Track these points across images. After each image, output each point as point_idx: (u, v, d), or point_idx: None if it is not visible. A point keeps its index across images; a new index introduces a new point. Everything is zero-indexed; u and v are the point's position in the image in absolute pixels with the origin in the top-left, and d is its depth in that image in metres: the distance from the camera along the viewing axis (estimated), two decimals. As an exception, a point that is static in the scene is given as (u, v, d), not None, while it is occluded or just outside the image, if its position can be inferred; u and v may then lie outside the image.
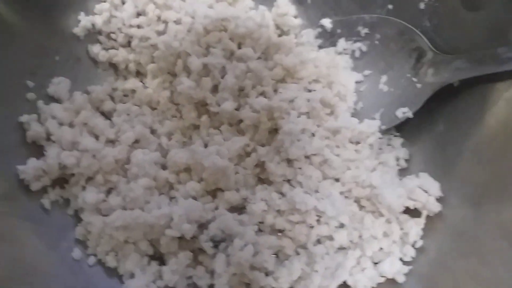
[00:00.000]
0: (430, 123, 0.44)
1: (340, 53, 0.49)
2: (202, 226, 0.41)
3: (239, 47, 0.47)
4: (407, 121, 0.44)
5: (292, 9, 0.50)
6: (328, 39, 0.50)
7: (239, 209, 0.43)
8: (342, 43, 0.49)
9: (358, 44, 0.48)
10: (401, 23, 0.45)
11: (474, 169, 0.39)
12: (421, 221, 0.40)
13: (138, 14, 0.48)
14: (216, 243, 0.41)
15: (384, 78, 0.46)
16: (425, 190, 0.40)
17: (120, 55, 0.48)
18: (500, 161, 0.36)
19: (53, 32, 0.45)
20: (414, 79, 0.43)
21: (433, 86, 0.42)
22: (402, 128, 0.46)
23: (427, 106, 0.42)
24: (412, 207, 0.40)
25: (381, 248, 0.40)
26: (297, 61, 0.46)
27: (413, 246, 0.40)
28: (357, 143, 0.44)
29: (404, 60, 0.45)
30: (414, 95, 0.43)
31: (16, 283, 0.34)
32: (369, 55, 0.48)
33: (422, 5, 0.44)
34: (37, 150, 0.42)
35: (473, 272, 0.35)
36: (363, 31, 0.48)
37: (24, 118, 0.41)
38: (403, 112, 0.44)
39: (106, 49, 0.48)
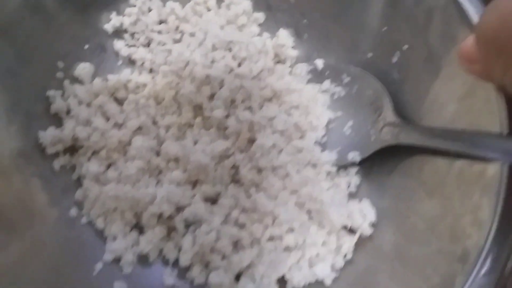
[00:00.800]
0: (380, 165, 0.51)
1: (323, 91, 0.56)
2: (179, 209, 0.49)
3: (239, 65, 0.55)
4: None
5: (290, 41, 0.58)
6: (317, 76, 0.57)
7: (212, 200, 0.51)
8: (326, 84, 0.56)
9: (339, 89, 0.56)
10: (378, 82, 0.52)
11: (402, 208, 0.47)
12: (355, 238, 0.48)
13: (161, 22, 0.56)
14: (187, 225, 0.49)
15: (350, 122, 0.53)
16: (363, 214, 0.48)
17: (139, 53, 0.55)
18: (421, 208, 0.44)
19: (86, 24, 0.52)
20: (372, 132, 0.50)
21: (383, 143, 0.48)
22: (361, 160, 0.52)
23: (382, 151, 0.49)
24: (349, 227, 0.48)
25: (318, 254, 0.48)
26: (285, 87, 0.54)
27: (344, 257, 0.48)
28: (314, 166, 0.52)
29: (369, 113, 0.52)
30: (367, 145, 0.50)
31: (24, 223, 0.43)
32: (345, 100, 0.55)
33: (394, 59, 0.51)
34: (57, 121, 0.50)
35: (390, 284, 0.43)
36: (346, 79, 0.55)
37: (51, 92, 0.49)
38: (353, 156, 0.51)
39: (128, 46, 0.56)
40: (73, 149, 0.51)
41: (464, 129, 0.41)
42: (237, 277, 0.48)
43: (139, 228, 0.50)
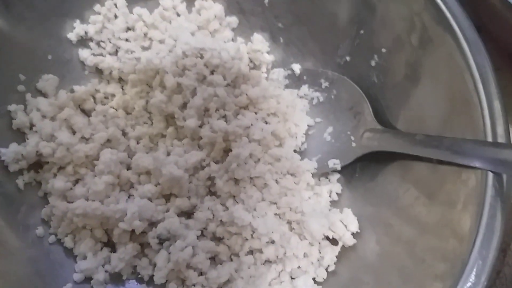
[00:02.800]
0: (362, 171, 0.50)
1: (301, 97, 0.55)
2: (152, 224, 0.47)
3: (212, 73, 0.52)
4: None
5: (265, 46, 0.56)
6: (294, 82, 0.55)
7: (187, 214, 0.49)
8: (304, 89, 0.55)
9: (317, 94, 0.54)
10: (356, 87, 0.50)
11: (386, 216, 0.45)
12: (337, 249, 0.46)
13: (128, 29, 0.54)
14: (161, 241, 0.46)
15: (330, 129, 0.52)
16: (345, 224, 0.46)
17: (107, 62, 0.53)
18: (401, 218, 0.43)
19: (49, 34, 0.50)
20: (352, 138, 0.49)
21: (364, 149, 0.47)
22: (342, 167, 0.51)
23: (363, 157, 0.48)
24: (331, 237, 0.47)
25: (299, 267, 0.46)
26: (261, 94, 0.52)
27: (326, 269, 0.46)
28: (294, 175, 0.50)
29: (349, 119, 0.50)
30: (348, 152, 0.49)
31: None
32: (324, 105, 0.54)
33: (373, 63, 0.49)
34: (20, 136, 0.47)
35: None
36: (324, 84, 0.53)
37: (12, 107, 0.47)
38: (334, 163, 0.50)
39: (95, 55, 0.53)
40: (38, 165, 0.48)
41: (445, 136, 0.39)
42: (216, 294, 0.45)
43: (110, 245, 0.47)
